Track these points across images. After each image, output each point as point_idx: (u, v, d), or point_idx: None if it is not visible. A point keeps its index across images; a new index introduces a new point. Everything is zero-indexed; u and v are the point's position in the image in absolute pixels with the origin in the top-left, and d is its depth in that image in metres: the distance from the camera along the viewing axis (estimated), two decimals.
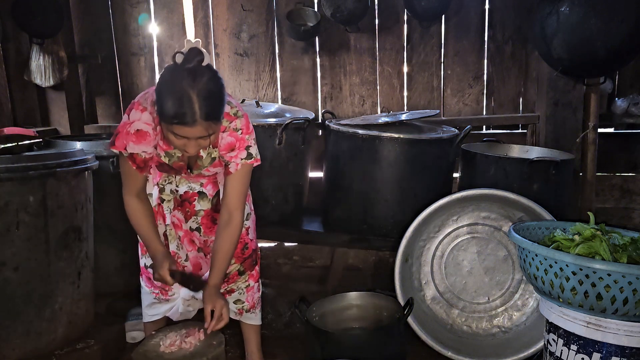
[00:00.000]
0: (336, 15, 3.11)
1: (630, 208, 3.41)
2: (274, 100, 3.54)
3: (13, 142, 2.28)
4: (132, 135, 1.73)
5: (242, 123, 1.80)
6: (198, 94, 1.53)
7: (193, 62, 1.54)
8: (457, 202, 2.43)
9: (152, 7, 3.50)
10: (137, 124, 1.72)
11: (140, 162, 1.79)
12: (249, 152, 1.83)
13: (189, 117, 1.54)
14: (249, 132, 1.82)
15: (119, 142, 1.75)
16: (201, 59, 1.55)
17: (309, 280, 3.25)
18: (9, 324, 2.07)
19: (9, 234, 2.02)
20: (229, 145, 1.79)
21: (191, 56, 1.54)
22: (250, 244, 2.08)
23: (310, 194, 3.10)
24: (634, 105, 3.16)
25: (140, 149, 1.76)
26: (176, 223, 2.02)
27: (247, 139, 1.82)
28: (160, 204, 2.00)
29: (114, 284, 2.73)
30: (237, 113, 1.79)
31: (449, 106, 3.49)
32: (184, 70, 1.54)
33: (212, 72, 1.59)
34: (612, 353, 1.64)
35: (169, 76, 1.57)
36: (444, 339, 2.38)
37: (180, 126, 1.56)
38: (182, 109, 1.53)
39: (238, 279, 2.07)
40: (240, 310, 2.12)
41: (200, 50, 1.56)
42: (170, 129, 1.59)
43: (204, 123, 1.56)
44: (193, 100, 1.53)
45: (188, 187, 1.97)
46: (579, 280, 1.61)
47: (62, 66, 3.24)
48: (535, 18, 2.79)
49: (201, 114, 1.54)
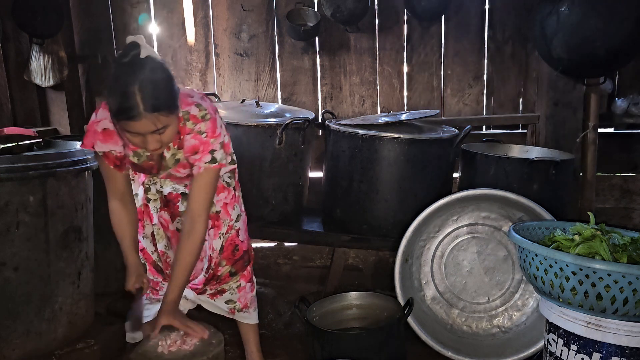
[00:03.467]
0: (336, 15, 3.11)
1: (630, 208, 3.41)
2: (274, 100, 3.55)
3: (13, 142, 2.28)
4: (99, 134, 1.72)
5: (207, 126, 1.73)
6: (139, 87, 1.50)
7: (129, 56, 1.52)
8: (457, 202, 2.43)
9: (152, 7, 3.50)
10: (104, 123, 1.71)
11: (115, 160, 1.78)
12: (213, 157, 1.75)
13: (132, 110, 1.50)
14: (214, 135, 1.75)
15: (87, 140, 1.75)
16: (137, 52, 1.53)
17: (309, 280, 3.25)
18: (9, 324, 2.07)
19: (9, 234, 2.02)
20: (192, 147, 1.75)
21: (127, 50, 1.53)
22: (240, 245, 2.05)
23: (310, 194, 3.10)
24: (634, 105, 3.16)
25: (108, 148, 1.74)
26: (163, 223, 2.02)
27: (211, 142, 1.75)
28: (146, 204, 1.99)
29: (114, 284, 2.73)
30: (204, 116, 1.73)
31: (449, 106, 3.49)
32: (122, 65, 1.53)
33: (154, 63, 1.56)
34: (612, 353, 1.64)
35: (110, 74, 1.57)
36: (444, 339, 2.38)
37: (127, 121, 1.53)
38: (124, 103, 1.50)
39: (230, 280, 2.06)
40: (232, 310, 2.10)
41: (137, 44, 1.54)
42: (122, 127, 1.57)
43: (150, 116, 1.53)
44: (134, 93, 1.49)
45: (172, 188, 1.96)
46: (579, 280, 1.61)
47: (62, 66, 3.24)
48: (535, 18, 2.79)
49: (145, 107, 1.51)
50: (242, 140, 2.62)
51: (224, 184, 1.98)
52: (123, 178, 1.85)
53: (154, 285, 2.09)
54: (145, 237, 2.05)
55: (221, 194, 1.97)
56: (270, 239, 3.26)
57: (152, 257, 2.07)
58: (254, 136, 2.65)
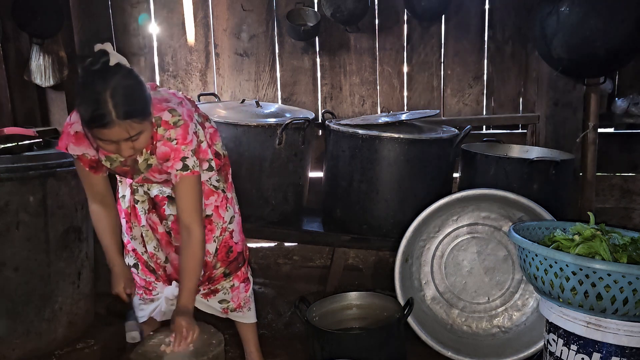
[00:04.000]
0: (336, 15, 3.11)
1: (630, 208, 3.41)
2: (274, 100, 3.54)
3: (13, 142, 2.28)
4: (72, 136, 1.71)
5: (177, 133, 1.70)
6: (111, 94, 1.48)
7: (99, 64, 1.50)
8: (457, 202, 2.43)
9: (152, 7, 3.50)
10: (76, 126, 1.70)
11: (89, 162, 1.76)
12: (185, 164, 1.72)
13: (105, 118, 1.49)
14: (185, 142, 1.71)
15: (62, 142, 1.74)
16: (107, 60, 1.51)
17: (309, 280, 3.25)
18: (9, 324, 2.08)
19: (9, 234, 2.03)
20: (163, 155, 1.72)
21: (97, 58, 1.51)
22: (234, 247, 2.04)
23: (310, 194, 3.10)
24: (634, 105, 3.16)
25: (80, 151, 1.73)
26: (152, 225, 2.00)
27: (182, 149, 1.71)
28: (134, 205, 1.97)
29: None
30: (177, 122, 1.70)
31: (449, 106, 3.49)
32: (92, 73, 1.51)
33: (124, 70, 1.54)
34: (612, 353, 1.64)
35: (80, 81, 1.55)
36: (444, 339, 2.38)
37: (99, 129, 1.51)
38: (96, 111, 1.48)
39: (223, 280, 2.05)
40: (225, 309, 2.09)
41: (106, 51, 1.52)
42: (94, 135, 1.55)
43: (122, 123, 1.51)
44: (106, 100, 1.48)
45: (159, 191, 1.95)
46: (579, 280, 1.61)
47: (62, 66, 3.24)
48: (535, 18, 2.79)
49: (117, 114, 1.49)
50: (242, 140, 2.62)
51: (211, 188, 1.96)
52: (101, 180, 1.84)
53: (147, 285, 2.09)
54: (135, 239, 2.04)
55: (211, 198, 1.96)
56: (270, 239, 3.26)
57: (143, 257, 2.06)
58: (254, 136, 2.65)
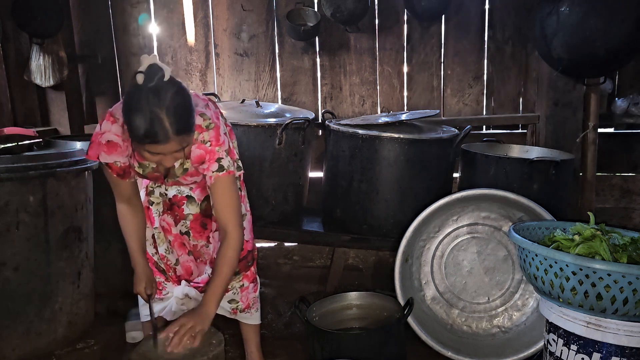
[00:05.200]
0: (336, 15, 3.11)
1: (630, 208, 3.41)
2: (274, 100, 3.55)
3: (13, 142, 2.28)
4: (103, 145, 1.72)
5: (210, 135, 1.73)
6: (166, 111, 1.50)
7: (155, 80, 1.50)
8: (457, 202, 2.43)
9: (152, 7, 3.50)
10: (108, 135, 1.71)
11: (118, 170, 1.78)
12: (220, 165, 1.75)
13: (160, 135, 1.51)
14: (219, 144, 1.75)
15: (92, 151, 1.75)
16: (162, 75, 1.51)
17: (309, 280, 3.25)
18: (9, 324, 2.08)
19: (9, 234, 2.03)
20: (198, 157, 1.75)
21: (152, 74, 1.50)
22: (245, 245, 2.04)
23: (310, 194, 3.10)
24: (634, 105, 3.16)
25: (112, 159, 1.75)
26: (166, 227, 2.01)
27: (217, 150, 1.75)
28: (148, 207, 1.99)
29: (114, 284, 2.73)
30: (209, 125, 1.74)
31: (449, 106, 3.49)
32: (147, 90, 1.50)
33: (176, 85, 1.56)
34: (612, 353, 1.64)
35: (134, 98, 1.53)
36: (444, 339, 2.38)
37: (153, 145, 1.54)
38: (152, 128, 1.50)
39: (232, 279, 2.06)
40: (235, 310, 2.10)
41: (159, 66, 1.52)
42: (145, 149, 1.57)
43: (176, 138, 1.54)
44: (162, 118, 1.49)
45: (177, 191, 1.96)
46: (579, 280, 1.61)
47: (62, 66, 3.24)
48: (535, 18, 2.79)
49: (173, 130, 1.51)
50: (242, 140, 2.62)
51: None
52: (129, 184, 1.86)
53: (156, 285, 2.09)
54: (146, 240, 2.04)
55: None
56: (270, 239, 3.26)
57: (154, 258, 2.07)
58: (254, 136, 2.65)
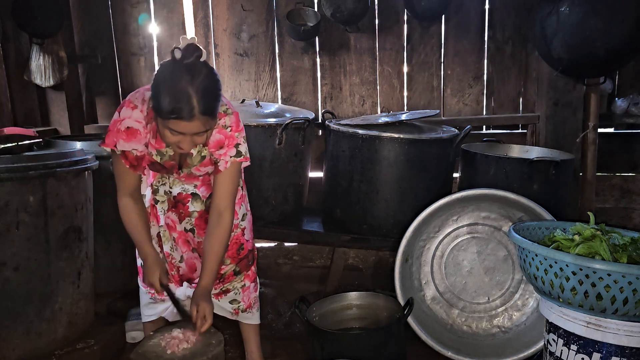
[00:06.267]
0: (336, 15, 3.11)
1: (630, 208, 3.41)
2: (274, 100, 3.55)
3: (13, 142, 2.28)
4: (122, 132, 1.73)
5: (231, 120, 1.80)
6: (196, 90, 1.54)
7: (191, 58, 1.55)
8: (457, 202, 2.43)
9: (152, 7, 3.50)
10: (128, 122, 1.73)
11: (133, 159, 1.79)
12: (238, 150, 1.82)
13: (186, 112, 1.55)
14: (238, 129, 1.81)
15: (109, 139, 1.75)
16: (199, 55, 1.57)
17: (309, 280, 3.25)
18: (9, 324, 2.08)
19: (9, 234, 2.02)
20: (217, 142, 1.79)
21: (189, 52, 1.55)
22: (246, 244, 2.07)
23: (310, 194, 3.10)
24: (634, 105, 3.16)
25: (130, 147, 1.76)
26: (170, 224, 2.01)
27: (236, 136, 1.81)
28: (154, 205, 1.99)
29: (114, 284, 2.73)
30: (227, 110, 1.80)
31: (449, 106, 3.49)
32: (182, 66, 1.55)
33: (209, 68, 1.61)
34: (612, 353, 1.64)
35: (168, 72, 1.58)
36: (444, 339, 2.38)
37: (178, 121, 1.57)
38: (180, 104, 1.54)
39: (234, 279, 2.06)
40: (236, 310, 2.11)
41: (198, 47, 1.57)
42: (167, 125, 1.60)
43: (201, 118, 1.58)
44: (192, 95, 1.54)
45: (182, 189, 1.97)
46: (579, 280, 1.61)
47: (62, 66, 3.24)
48: (535, 18, 2.79)
49: (199, 109, 1.55)
50: None
51: None
52: (136, 177, 1.87)
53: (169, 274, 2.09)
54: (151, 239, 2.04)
55: None
56: (270, 239, 3.26)
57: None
58: (254, 136, 2.64)
